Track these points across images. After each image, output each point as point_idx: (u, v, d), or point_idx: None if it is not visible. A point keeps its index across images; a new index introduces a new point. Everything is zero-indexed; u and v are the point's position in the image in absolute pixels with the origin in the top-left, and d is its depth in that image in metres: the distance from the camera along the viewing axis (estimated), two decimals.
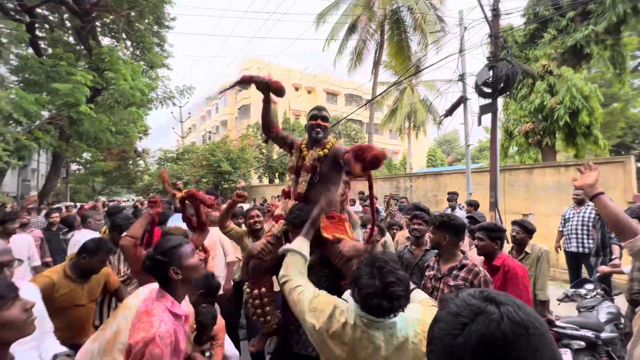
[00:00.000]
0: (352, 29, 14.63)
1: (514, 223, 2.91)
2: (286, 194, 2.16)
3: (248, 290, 1.97)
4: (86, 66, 9.64)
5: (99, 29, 11.46)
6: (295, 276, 1.38)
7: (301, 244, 1.53)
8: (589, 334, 2.55)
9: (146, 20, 11.56)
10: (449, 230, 2.06)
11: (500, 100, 6.59)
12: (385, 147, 31.92)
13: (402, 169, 25.22)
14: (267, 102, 2.15)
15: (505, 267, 2.20)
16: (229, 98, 30.09)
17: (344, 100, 29.61)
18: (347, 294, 1.26)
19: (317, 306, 1.21)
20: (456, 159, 34.76)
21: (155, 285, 1.38)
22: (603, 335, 2.55)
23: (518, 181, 7.23)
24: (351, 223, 2.09)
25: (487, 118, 6.25)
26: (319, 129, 2.01)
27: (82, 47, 10.82)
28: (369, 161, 1.46)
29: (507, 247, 2.99)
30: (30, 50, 9.88)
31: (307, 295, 1.27)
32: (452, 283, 1.98)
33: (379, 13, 14.18)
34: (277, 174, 20.51)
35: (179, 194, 2.39)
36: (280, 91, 2.00)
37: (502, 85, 5.27)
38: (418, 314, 1.18)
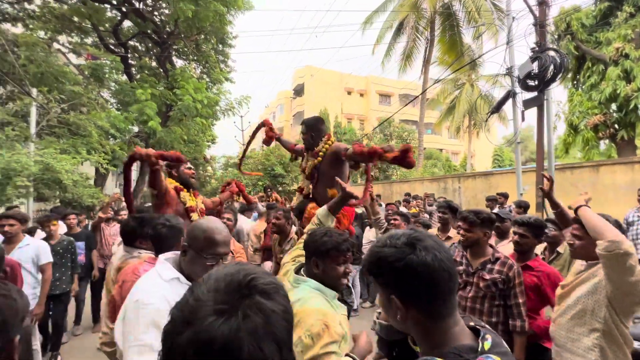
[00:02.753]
0: (399, 29, 14.47)
1: (547, 221, 2.77)
2: (300, 190, 2.66)
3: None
4: (164, 87, 11.43)
5: (173, 54, 13.43)
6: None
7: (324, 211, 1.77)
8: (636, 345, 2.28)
9: (211, 42, 13.17)
10: (488, 226, 2.09)
11: (563, 92, 5.97)
12: (443, 148, 30.26)
13: (462, 170, 23.61)
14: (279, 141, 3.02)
15: (539, 273, 2.10)
16: (285, 105, 31.79)
17: (398, 100, 28.94)
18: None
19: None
20: (530, 159, 31.06)
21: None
22: None
23: (582, 180, 6.46)
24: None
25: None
26: (304, 141, 2.48)
27: (161, 71, 12.83)
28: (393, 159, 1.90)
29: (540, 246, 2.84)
30: (125, 77, 12.09)
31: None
32: (487, 277, 1.97)
33: (428, 10, 13.77)
34: None
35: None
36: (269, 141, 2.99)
37: (548, 77, 4.88)
38: None
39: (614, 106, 7.17)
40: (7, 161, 5.97)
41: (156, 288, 1.09)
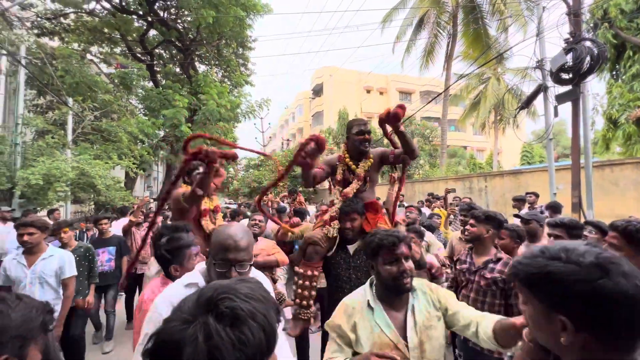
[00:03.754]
0: (420, 25, 14.12)
1: (587, 223, 2.62)
2: (332, 204, 2.36)
3: (301, 270, 2.18)
4: (187, 92, 11.83)
5: (196, 59, 13.85)
6: None
7: None
8: None
9: (232, 46, 13.46)
10: (492, 224, 2.15)
11: (599, 84, 5.52)
12: (468, 145, 29.23)
13: (488, 168, 22.69)
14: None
15: None
16: (304, 106, 31.94)
17: (419, 97, 28.30)
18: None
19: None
20: (563, 154, 29.33)
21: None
22: None
23: (624, 178, 6.01)
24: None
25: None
26: (367, 143, 2.24)
27: (185, 76, 13.28)
28: (386, 116, 1.98)
29: None
30: (151, 84, 12.62)
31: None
32: (488, 276, 2.04)
33: (450, 3, 13.34)
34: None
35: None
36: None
37: (584, 69, 4.56)
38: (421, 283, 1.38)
39: None
40: (48, 167, 6.39)
41: (171, 292, 1.11)
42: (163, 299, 1.10)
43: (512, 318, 1.07)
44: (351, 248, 2.18)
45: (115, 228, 4.35)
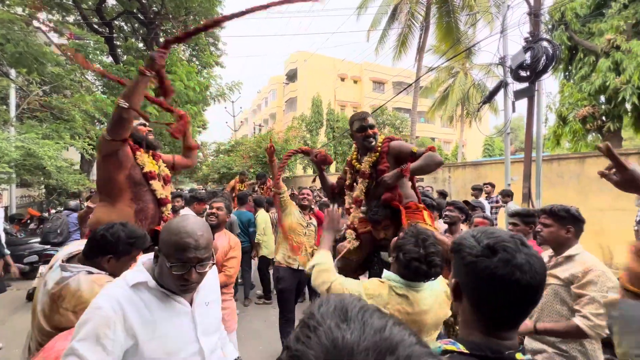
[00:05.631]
0: (394, 14, 14.18)
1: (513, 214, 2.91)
2: (347, 211, 2.23)
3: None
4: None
5: (161, 35, 12.97)
6: (331, 275, 1.43)
7: (322, 256, 1.55)
8: None
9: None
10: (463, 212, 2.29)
11: (555, 83, 5.94)
12: (436, 136, 30.36)
13: (453, 159, 23.80)
14: (320, 172, 2.41)
15: None
16: (278, 91, 31.28)
17: (391, 88, 28.73)
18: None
19: (373, 292, 1.31)
20: (520, 148, 31.48)
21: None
22: None
23: (568, 172, 6.57)
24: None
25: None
26: (371, 139, 2.04)
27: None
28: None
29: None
30: (110, 59, 11.64)
31: (354, 285, 1.36)
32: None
33: None
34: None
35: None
36: (325, 161, 2.37)
37: (540, 68, 4.87)
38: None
39: (602, 98, 7.24)
40: None
41: (117, 293, 0.95)
42: (108, 297, 0.94)
43: None
44: (386, 255, 1.94)
45: None
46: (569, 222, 1.68)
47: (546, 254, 1.84)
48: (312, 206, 3.60)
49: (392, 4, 14.27)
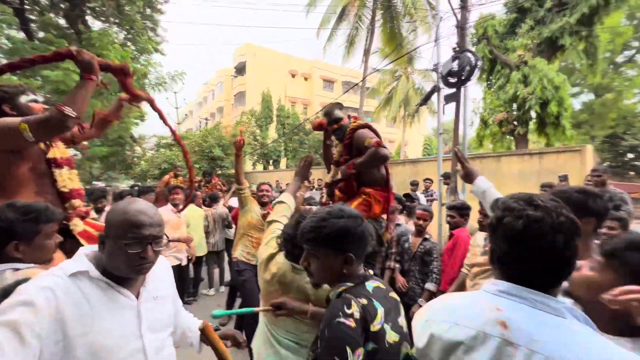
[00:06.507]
0: (342, 15, 14.63)
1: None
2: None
3: None
4: None
5: (89, 13, 11.58)
6: (277, 217, 1.61)
7: (284, 197, 1.75)
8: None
9: (136, 4, 11.64)
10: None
11: (479, 90, 6.78)
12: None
13: (396, 157, 25.45)
14: (325, 142, 2.62)
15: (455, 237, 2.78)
16: (225, 84, 30.04)
17: (340, 87, 29.54)
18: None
19: (271, 243, 1.41)
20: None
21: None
22: None
23: (488, 169, 7.54)
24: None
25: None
26: (337, 132, 2.34)
27: (73, 32, 10.97)
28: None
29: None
30: (23, 35, 10.05)
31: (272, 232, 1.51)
32: None
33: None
34: (271, 161, 20.81)
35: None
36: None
37: (464, 76, 5.51)
38: None
39: (514, 106, 8.46)
40: None
41: (49, 280, 0.87)
42: (39, 285, 0.85)
43: None
44: None
45: None
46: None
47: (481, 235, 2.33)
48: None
49: (340, 5, 14.69)
